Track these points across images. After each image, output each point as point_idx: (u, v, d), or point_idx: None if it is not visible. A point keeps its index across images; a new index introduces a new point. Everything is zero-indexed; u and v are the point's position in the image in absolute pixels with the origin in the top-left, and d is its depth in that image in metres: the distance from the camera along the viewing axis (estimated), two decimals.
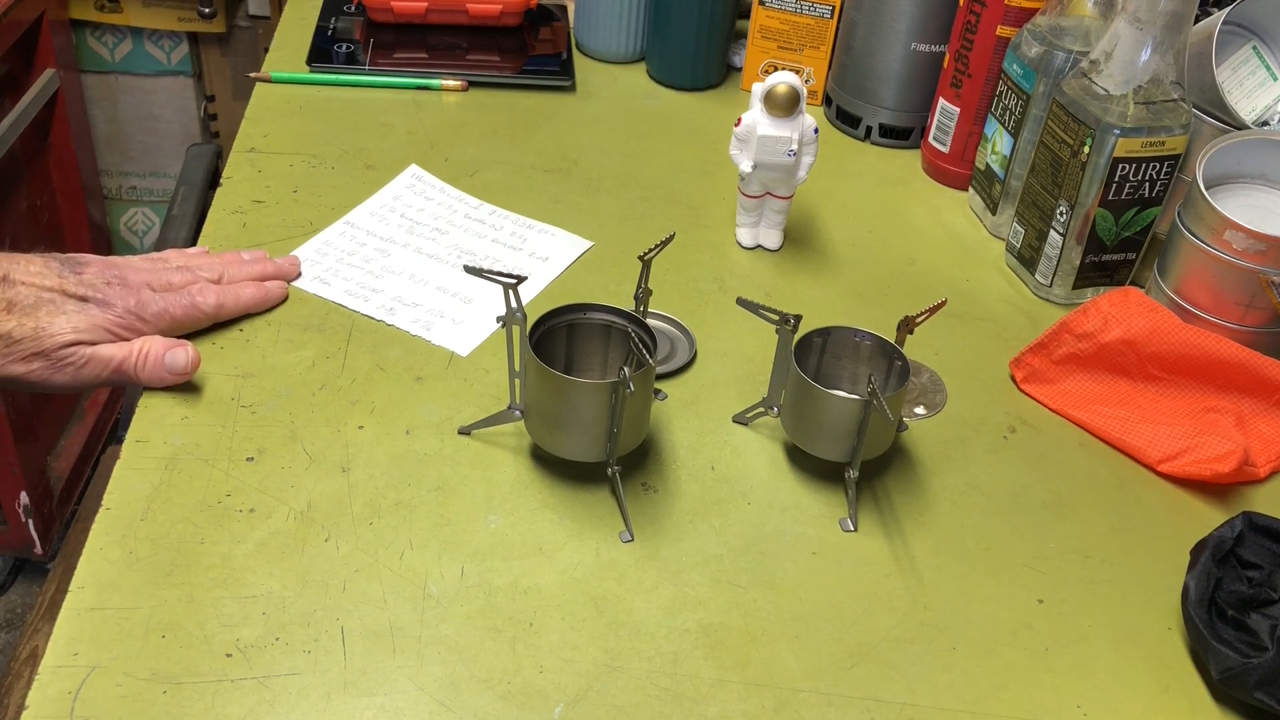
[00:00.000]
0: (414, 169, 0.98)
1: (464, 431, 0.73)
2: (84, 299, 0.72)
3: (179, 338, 0.75)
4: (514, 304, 0.69)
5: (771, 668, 0.62)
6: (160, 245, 1.73)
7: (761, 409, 0.76)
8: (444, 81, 1.11)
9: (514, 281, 0.68)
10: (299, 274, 0.84)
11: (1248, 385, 0.80)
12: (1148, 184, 0.86)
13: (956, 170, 1.05)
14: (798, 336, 0.72)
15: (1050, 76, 0.90)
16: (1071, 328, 0.82)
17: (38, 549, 1.66)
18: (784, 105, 0.85)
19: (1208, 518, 0.74)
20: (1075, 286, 0.91)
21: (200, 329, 0.78)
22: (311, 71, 1.10)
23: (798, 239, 0.96)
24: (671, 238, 0.75)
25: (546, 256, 0.90)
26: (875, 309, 0.89)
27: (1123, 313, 0.81)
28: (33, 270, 0.72)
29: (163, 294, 0.76)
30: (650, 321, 0.81)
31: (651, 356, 0.67)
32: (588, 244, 0.92)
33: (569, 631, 0.62)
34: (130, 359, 0.72)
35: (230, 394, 0.74)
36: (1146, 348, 0.80)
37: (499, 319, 0.69)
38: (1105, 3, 0.89)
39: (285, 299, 0.82)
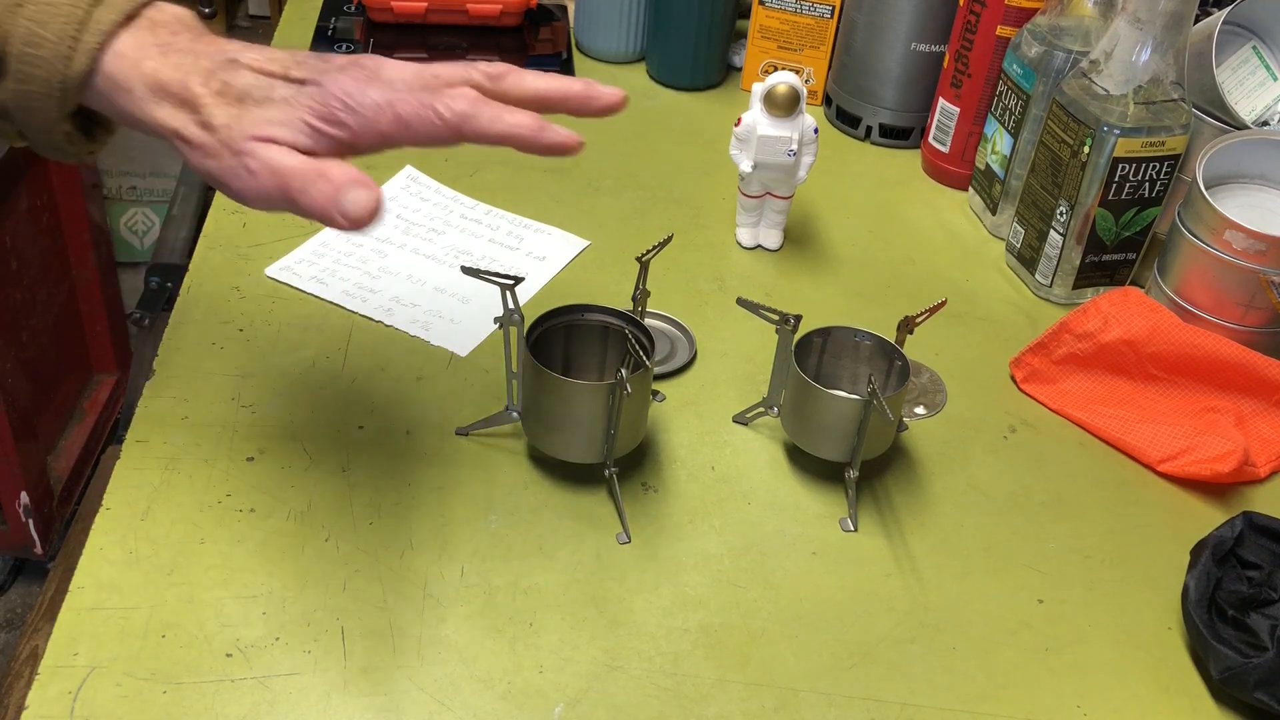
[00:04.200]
0: (409, 170, 0.98)
1: (461, 433, 0.73)
2: (302, 82, 0.57)
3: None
4: (511, 305, 0.69)
5: (771, 668, 0.62)
6: (160, 245, 1.73)
7: (761, 409, 0.76)
8: None
9: (511, 283, 0.68)
10: (614, 105, 0.59)
11: (1248, 385, 0.80)
12: (1148, 184, 0.86)
13: (956, 170, 1.05)
14: (798, 336, 0.71)
15: (1050, 76, 0.90)
16: (1071, 328, 0.82)
17: (38, 549, 1.66)
18: (784, 105, 0.85)
19: (1208, 518, 0.74)
20: (1075, 286, 0.91)
21: (442, 144, 0.57)
22: None
23: (798, 239, 0.96)
24: (669, 239, 0.75)
25: (544, 256, 0.90)
26: (875, 309, 0.89)
27: (1123, 313, 0.81)
28: (268, 55, 0.57)
29: (400, 89, 0.58)
30: (650, 321, 0.81)
31: (649, 358, 0.67)
32: (585, 243, 0.92)
33: (569, 631, 0.62)
34: (298, 175, 0.55)
35: (230, 394, 0.74)
36: (1146, 348, 0.80)
37: (496, 320, 0.69)
38: (1105, 3, 0.89)
39: (575, 151, 0.57)
